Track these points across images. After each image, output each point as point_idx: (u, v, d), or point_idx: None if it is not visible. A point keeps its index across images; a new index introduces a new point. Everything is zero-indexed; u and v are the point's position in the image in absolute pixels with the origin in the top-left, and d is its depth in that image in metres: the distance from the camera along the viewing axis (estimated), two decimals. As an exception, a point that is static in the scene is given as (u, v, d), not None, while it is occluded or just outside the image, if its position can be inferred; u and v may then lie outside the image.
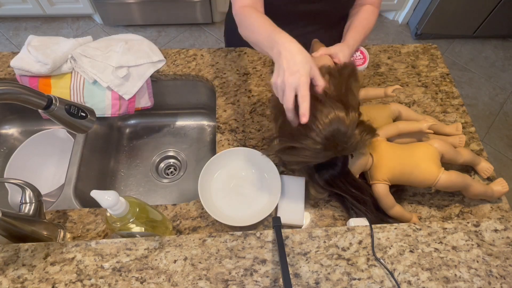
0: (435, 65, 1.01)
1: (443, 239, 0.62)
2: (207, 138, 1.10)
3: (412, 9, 2.34)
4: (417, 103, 0.93)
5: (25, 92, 0.49)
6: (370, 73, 0.98)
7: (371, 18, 0.82)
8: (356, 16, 0.82)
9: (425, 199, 0.77)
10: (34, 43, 0.87)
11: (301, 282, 0.58)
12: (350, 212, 0.74)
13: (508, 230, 0.64)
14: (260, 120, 0.88)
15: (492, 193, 0.74)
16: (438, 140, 0.72)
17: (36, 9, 2.17)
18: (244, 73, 0.97)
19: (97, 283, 0.57)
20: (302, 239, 0.62)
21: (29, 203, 0.65)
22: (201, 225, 0.73)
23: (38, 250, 0.60)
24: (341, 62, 0.67)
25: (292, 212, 0.73)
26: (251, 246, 0.61)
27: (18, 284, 0.57)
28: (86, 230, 0.72)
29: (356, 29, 0.78)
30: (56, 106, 0.52)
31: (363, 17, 0.81)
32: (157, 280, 0.57)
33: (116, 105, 0.89)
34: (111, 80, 0.87)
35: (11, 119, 1.05)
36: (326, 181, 0.69)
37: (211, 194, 0.76)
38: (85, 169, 0.89)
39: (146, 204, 0.60)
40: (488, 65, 2.28)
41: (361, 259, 0.60)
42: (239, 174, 0.79)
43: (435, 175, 0.68)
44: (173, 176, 1.03)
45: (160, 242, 0.61)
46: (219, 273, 0.58)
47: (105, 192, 0.50)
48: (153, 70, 0.95)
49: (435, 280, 0.58)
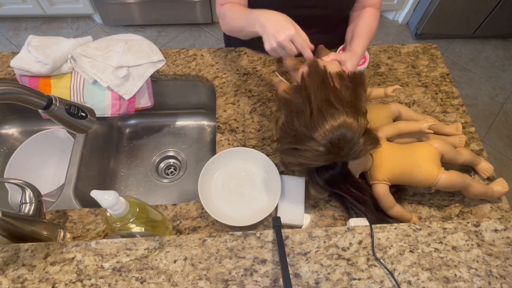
0: (435, 65, 1.01)
1: (443, 239, 0.62)
2: (207, 138, 1.10)
3: (412, 9, 2.34)
4: (417, 103, 0.92)
5: (25, 92, 0.49)
6: (370, 73, 0.98)
7: (374, 24, 0.83)
8: (360, 21, 0.82)
9: (425, 199, 0.77)
10: (34, 43, 0.87)
11: (301, 282, 0.58)
12: (350, 212, 0.74)
13: (508, 230, 0.64)
14: (260, 120, 0.88)
15: (492, 193, 0.74)
16: (438, 140, 0.72)
17: (36, 9, 2.17)
18: (244, 73, 0.97)
19: (97, 283, 0.57)
20: (302, 239, 0.62)
21: (29, 203, 0.65)
22: (201, 225, 0.73)
23: (38, 250, 0.60)
24: (348, 70, 0.68)
25: (292, 212, 0.73)
26: (251, 246, 0.61)
27: (18, 284, 0.57)
28: (86, 230, 0.72)
29: (362, 36, 0.79)
30: (56, 106, 0.52)
31: (367, 23, 0.82)
32: (157, 280, 0.57)
33: (116, 105, 0.89)
34: (111, 80, 0.87)
35: (11, 119, 1.05)
36: (326, 181, 0.69)
37: (211, 194, 0.76)
38: (85, 169, 0.89)
39: (146, 204, 0.60)
40: (488, 65, 2.28)
41: (361, 259, 0.60)
42: (239, 174, 0.79)
43: (435, 175, 0.68)
44: (173, 176, 1.03)
45: (160, 242, 0.61)
46: (219, 273, 0.58)
47: (105, 192, 0.50)
48: (153, 70, 0.95)
49: (435, 280, 0.58)
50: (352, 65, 0.70)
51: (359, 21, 0.83)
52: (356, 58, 0.72)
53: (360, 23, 0.82)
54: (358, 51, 0.75)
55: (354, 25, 0.84)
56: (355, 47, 0.76)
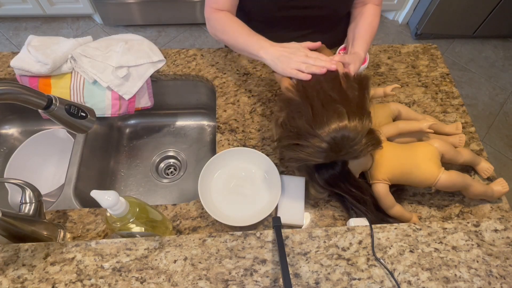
0: (435, 65, 1.01)
1: (443, 239, 0.62)
2: (207, 138, 1.10)
3: (412, 9, 2.34)
4: (417, 103, 0.92)
5: (25, 92, 0.49)
6: (370, 73, 0.98)
7: (375, 22, 0.83)
8: (361, 21, 0.82)
9: (425, 199, 0.77)
10: (34, 43, 0.87)
11: (301, 282, 0.58)
12: (350, 212, 0.74)
13: (508, 230, 0.64)
14: (260, 120, 0.88)
15: (492, 193, 0.74)
16: (439, 140, 0.72)
17: (36, 9, 2.17)
18: (244, 73, 0.97)
19: (97, 283, 0.57)
20: (302, 239, 0.62)
21: (29, 203, 0.65)
22: (201, 225, 0.73)
23: (38, 250, 0.60)
24: (351, 73, 0.68)
25: (292, 212, 0.73)
26: (251, 246, 0.61)
27: (18, 284, 0.57)
28: (86, 230, 0.72)
29: (364, 38, 0.79)
30: (56, 106, 0.52)
31: (368, 22, 0.82)
32: (157, 280, 0.57)
33: (116, 105, 0.89)
34: (111, 80, 0.87)
35: (11, 119, 1.05)
36: (326, 180, 0.69)
37: (211, 194, 0.76)
38: (85, 169, 0.89)
39: (146, 204, 0.60)
40: (488, 65, 2.28)
41: (361, 259, 0.60)
42: (239, 174, 0.79)
43: (435, 175, 0.68)
44: (173, 176, 1.03)
45: (160, 242, 0.61)
46: (219, 273, 0.58)
47: (105, 192, 0.50)
48: (153, 70, 0.95)
49: (435, 280, 0.58)
50: (355, 68, 0.70)
51: (360, 20, 0.82)
52: (359, 62, 0.73)
53: (361, 22, 0.82)
54: (360, 54, 0.75)
55: (355, 24, 0.83)
56: (357, 49, 0.76)
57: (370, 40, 0.80)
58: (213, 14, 0.81)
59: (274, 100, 0.92)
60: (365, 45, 0.78)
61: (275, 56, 0.71)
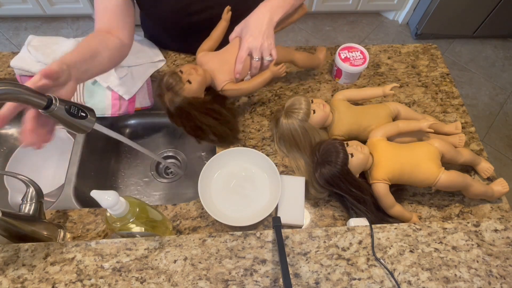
0: (435, 65, 1.01)
1: (443, 239, 0.62)
2: (207, 138, 1.09)
3: (412, 9, 2.34)
4: (417, 103, 0.92)
5: (25, 92, 0.49)
6: (370, 73, 0.98)
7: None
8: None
9: (425, 199, 0.77)
10: (34, 43, 0.87)
11: (301, 282, 0.58)
12: (350, 212, 0.74)
13: (508, 230, 0.64)
14: (260, 120, 0.88)
15: (492, 193, 0.74)
16: (439, 140, 0.72)
17: (36, 9, 2.17)
18: (244, 73, 0.96)
19: (97, 283, 0.57)
20: (302, 239, 0.62)
21: (29, 203, 0.65)
22: (201, 225, 0.73)
23: (38, 250, 0.60)
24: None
25: (292, 212, 0.73)
26: (251, 246, 0.61)
27: (18, 284, 0.57)
28: (86, 230, 0.72)
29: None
30: (56, 106, 0.52)
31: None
32: (157, 280, 0.57)
33: (116, 105, 0.89)
34: (111, 80, 0.87)
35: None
36: (326, 180, 0.69)
37: (211, 194, 0.76)
38: (85, 169, 0.89)
39: (146, 204, 0.60)
40: (488, 65, 2.28)
41: (361, 259, 0.60)
42: (239, 174, 0.79)
43: (435, 175, 0.68)
44: (173, 176, 1.03)
45: (160, 242, 0.61)
46: (219, 273, 0.58)
47: (105, 192, 0.50)
48: (153, 70, 0.95)
49: (435, 280, 0.58)
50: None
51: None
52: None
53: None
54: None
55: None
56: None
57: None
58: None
59: (274, 100, 0.92)
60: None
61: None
